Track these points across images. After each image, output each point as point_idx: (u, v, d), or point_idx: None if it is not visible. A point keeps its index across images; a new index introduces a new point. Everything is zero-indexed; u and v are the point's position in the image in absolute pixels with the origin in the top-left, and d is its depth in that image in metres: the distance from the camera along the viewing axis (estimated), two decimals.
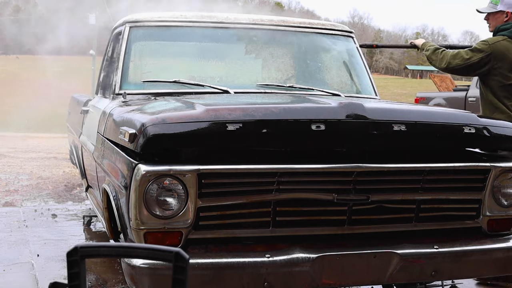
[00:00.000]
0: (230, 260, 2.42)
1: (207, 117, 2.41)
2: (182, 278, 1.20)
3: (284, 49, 4.01)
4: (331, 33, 4.07)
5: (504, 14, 3.98)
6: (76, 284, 1.24)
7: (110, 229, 2.99)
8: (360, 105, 2.58)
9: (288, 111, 2.54)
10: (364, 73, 4.06)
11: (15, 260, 4.28)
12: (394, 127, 2.55)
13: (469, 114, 2.85)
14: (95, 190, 3.88)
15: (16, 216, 5.73)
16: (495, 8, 4.00)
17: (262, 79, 3.80)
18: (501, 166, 2.76)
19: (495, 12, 4.00)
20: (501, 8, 3.98)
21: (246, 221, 2.52)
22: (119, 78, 3.57)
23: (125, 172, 2.51)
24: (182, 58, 4.00)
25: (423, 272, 2.64)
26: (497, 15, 4.01)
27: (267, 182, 2.48)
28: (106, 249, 1.26)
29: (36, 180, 8.09)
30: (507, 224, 2.87)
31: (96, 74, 23.66)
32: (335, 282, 2.54)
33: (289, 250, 2.47)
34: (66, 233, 5.13)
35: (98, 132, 3.46)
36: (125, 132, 2.53)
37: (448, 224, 2.79)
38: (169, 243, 2.42)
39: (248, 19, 3.89)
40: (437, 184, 2.71)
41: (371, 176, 2.59)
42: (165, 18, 3.77)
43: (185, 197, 2.39)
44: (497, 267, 2.81)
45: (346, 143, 2.54)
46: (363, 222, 2.64)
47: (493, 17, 4.03)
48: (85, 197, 6.46)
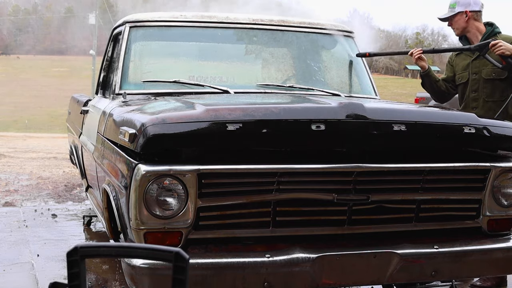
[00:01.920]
0: (230, 260, 2.42)
1: (207, 117, 2.41)
2: (182, 278, 1.20)
3: (284, 49, 4.01)
4: (331, 33, 4.07)
5: (463, 14, 3.92)
6: (76, 284, 1.24)
7: (110, 229, 2.99)
8: (360, 105, 2.58)
9: (288, 111, 2.54)
10: (364, 73, 4.06)
11: (15, 260, 4.28)
12: (394, 127, 2.55)
13: (469, 114, 2.85)
14: (95, 190, 3.88)
15: (16, 216, 5.73)
16: (453, 11, 3.95)
17: (262, 79, 3.80)
18: (501, 166, 2.76)
19: (454, 15, 3.95)
20: (459, 9, 3.92)
21: (246, 221, 2.52)
22: (119, 78, 3.57)
23: (125, 172, 2.51)
24: (182, 58, 4.00)
25: (423, 272, 2.64)
26: (456, 17, 3.95)
27: (267, 182, 2.48)
28: (106, 249, 1.26)
29: (36, 180, 8.09)
30: (507, 224, 2.87)
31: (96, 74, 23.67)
32: (335, 282, 2.54)
33: (289, 250, 2.47)
34: (66, 233, 5.13)
35: (98, 132, 3.46)
36: (125, 132, 2.53)
37: (448, 224, 2.79)
38: (169, 243, 2.42)
39: (248, 19, 3.89)
40: (437, 184, 2.71)
41: (371, 176, 2.59)
42: (165, 18, 3.77)
43: (185, 197, 2.39)
44: (497, 267, 2.81)
45: (346, 143, 2.54)
46: (363, 222, 2.64)
47: (454, 20, 3.98)
48: (85, 197, 6.47)
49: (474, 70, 3.92)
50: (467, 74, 3.96)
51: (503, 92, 3.84)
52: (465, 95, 3.98)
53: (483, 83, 3.89)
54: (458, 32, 4.01)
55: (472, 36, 3.98)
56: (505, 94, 3.84)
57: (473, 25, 3.95)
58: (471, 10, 3.92)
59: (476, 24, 3.95)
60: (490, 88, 3.86)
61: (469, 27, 3.96)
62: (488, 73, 3.85)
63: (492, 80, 3.84)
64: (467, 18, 3.93)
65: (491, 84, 3.86)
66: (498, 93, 3.84)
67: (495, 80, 3.83)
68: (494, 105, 3.82)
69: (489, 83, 3.87)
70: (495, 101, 3.84)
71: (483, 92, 3.88)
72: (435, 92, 4.18)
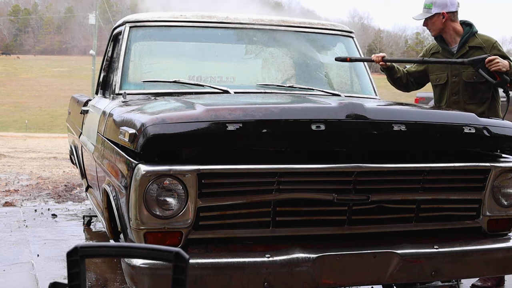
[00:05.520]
0: (230, 260, 2.42)
1: (207, 117, 2.41)
2: (182, 278, 1.20)
3: (284, 49, 4.00)
4: (331, 33, 4.07)
5: (440, 15, 3.86)
6: (76, 284, 1.24)
7: (110, 229, 2.99)
8: (360, 105, 2.58)
9: (288, 111, 2.54)
10: (364, 73, 4.06)
11: (15, 260, 4.28)
12: (394, 127, 2.55)
13: (469, 114, 2.85)
14: (95, 190, 3.88)
15: (16, 216, 5.73)
16: (430, 13, 3.88)
17: (262, 79, 3.80)
18: (501, 166, 2.76)
19: (431, 16, 3.88)
20: (435, 11, 3.86)
21: (246, 221, 2.52)
22: (119, 78, 3.57)
23: (125, 172, 2.51)
24: (182, 58, 4.00)
25: (423, 272, 2.64)
26: (433, 18, 3.88)
27: (267, 182, 2.48)
28: (106, 249, 1.26)
29: (36, 180, 8.09)
30: (507, 224, 2.87)
31: (96, 74, 23.66)
32: (335, 282, 2.54)
33: (289, 250, 2.47)
34: (66, 233, 5.13)
35: (98, 132, 3.46)
36: (125, 132, 2.53)
37: (448, 224, 2.79)
38: (169, 243, 2.42)
39: (248, 19, 3.89)
40: (437, 184, 2.71)
41: (371, 176, 2.59)
42: (165, 18, 3.77)
43: (185, 197, 2.39)
44: (497, 267, 2.81)
45: (346, 143, 2.54)
46: (363, 222, 2.64)
47: (431, 22, 3.91)
48: (85, 197, 6.47)
49: (454, 73, 3.86)
50: (446, 76, 3.91)
51: (483, 94, 3.79)
52: (445, 97, 3.93)
53: (464, 86, 3.83)
54: (434, 33, 3.94)
55: (448, 37, 3.92)
56: (485, 96, 3.80)
57: (450, 26, 3.88)
58: (448, 11, 3.85)
59: (453, 24, 3.88)
60: (471, 91, 3.81)
61: (446, 28, 3.89)
62: (469, 76, 3.79)
63: (473, 83, 3.79)
64: (444, 19, 3.86)
65: (472, 87, 3.81)
66: (479, 96, 3.80)
67: (476, 83, 3.78)
68: (475, 107, 3.78)
69: (470, 86, 3.81)
70: (475, 103, 3.81)
71: (463, 95, 3.83)
72: (396, 85, 4.17)
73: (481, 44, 3.83)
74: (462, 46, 3.86)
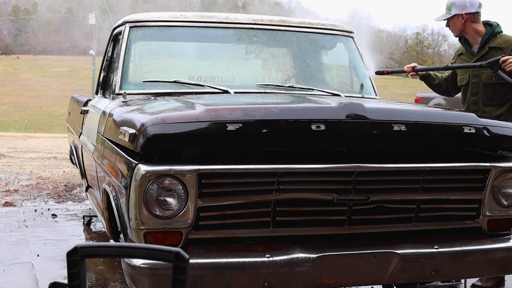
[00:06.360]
0: (230, 260, 2.42)
1: (207, 117, 2.41)
2: (182, 278, 1.20)
3: (284, 49, 4.00)
4: (331, 33, 4.07)
5: (460, 17, 3.91)
6: (76, 284, 1.24)
7: (110, 229, 2.99)
8: (360, 105, 2.58)
9: (288, 111, 2.54)
10: (364, 73, 4.06)
11: (15, 260, 4.28)
12: (394, 127, 2.55)
13: (469, 114, 2.85)
14: (95, 190, 3.88)
15: (16, 216, 5.73)
16: (450, 14, 3.94)
17: (262, 79, 3.79)
18: (501, 166, 2.76)
19: (451, 17, 3.94)
20: (455, 12, 3.91)
21: (246, 221, 2.52)
22: (119, 78, 3.57)
23: (125, 172, 2.51)
24: (182, 58, 4.00)
25: (423, 272, 2.64)
26: (453, 19, 3.94)
27: (267, 182, 2.48)
28: (106, 249, 1.26)
29: (36, 180, 8.09)
30: (507, 224, 2.87)
31: (96, 74, 23.67)
32: (335, 282, 2.54)
33: (289, 250, 2.47)
34: (66, 233, 5.14)
35: (98, 132, 3.46)
36: (125, 132, 2.53)
37: (448, 224, 2.79)
38: (169, 243, 2.42)
39: (248, 19, 3.89)
40: (437, 184, 2.71)
41: (371, 176, 2.59)
42: (165, 18, 3.77)
43: (185, 197, 2.39)
44: (497, 267, 2.81)
45: (346, 143, 2.54)
46: (363, 222, 2.64)
47: (451, 23, 3.97)
48: (85, 197, 6.47)
49: (474, 74, 3.90)
50: (467, 77, 3.95)
51: (503, 96, 3.82)
52: (466, 97, 3.98)
53: (483, 87, 3.86)
54: (456, 34, 4.01)
55: (470, 38, 3.96)
56: (505, 98, 3.82)
57: (471, 27, 3.92)
58: (467, 12, 3.89)
59: (473, 25, 3.92)
60: (490, 92, 3.84)
61: (467, 29, 3.94)
62: (489, 77, 3.82)
63: (493, 84, 3.82)
64: (464, 20, 3.90)
65: (491, 88, 3.83)
66: (498, 97, 3.83)
67: (495, 84, 3.81)
68: (494, 109, 3.80)
69: (489, 87, 3.84)
70: (494, 105, 3.83)
71: (482, 96, 3.86)
72: (436, 91, 4.25)
73: (501, 45, 3.85)
74: (482, 46, 3.90)
